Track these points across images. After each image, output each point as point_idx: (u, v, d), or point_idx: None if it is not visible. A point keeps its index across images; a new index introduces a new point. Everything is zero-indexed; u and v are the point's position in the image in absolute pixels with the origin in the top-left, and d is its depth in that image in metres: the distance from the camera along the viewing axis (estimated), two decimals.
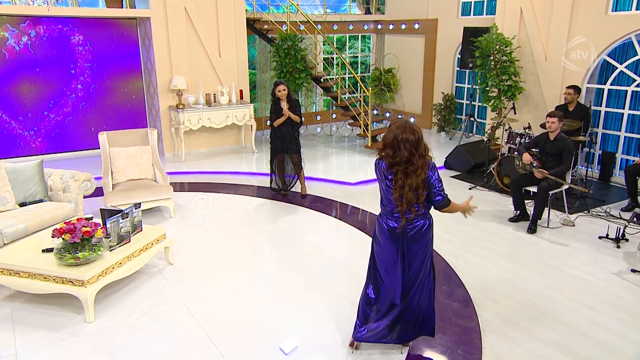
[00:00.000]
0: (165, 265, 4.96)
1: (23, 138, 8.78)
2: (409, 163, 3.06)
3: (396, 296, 3.36)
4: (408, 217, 3.16)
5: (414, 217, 3.17)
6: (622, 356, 3.59)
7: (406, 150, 3.04)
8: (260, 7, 10.21)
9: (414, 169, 3.06)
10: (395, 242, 3.26)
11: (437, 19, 10.78)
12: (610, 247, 5.38)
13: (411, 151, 3.04)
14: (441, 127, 10.94)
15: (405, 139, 3.04)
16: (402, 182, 3.08)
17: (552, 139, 5.88)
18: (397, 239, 3.25)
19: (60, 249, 4.00)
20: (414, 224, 3.22)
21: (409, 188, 3.06)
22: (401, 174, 3.08)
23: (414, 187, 3.07)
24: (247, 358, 3.56)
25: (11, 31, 8.30)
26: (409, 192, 3.07)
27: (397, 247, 3.26)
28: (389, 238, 3.27)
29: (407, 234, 3.23)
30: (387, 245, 3.30)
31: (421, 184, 3.09)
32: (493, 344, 3.71)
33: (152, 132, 6.54)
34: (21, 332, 3.86)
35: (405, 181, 3.07)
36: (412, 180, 3.06)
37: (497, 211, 6.43)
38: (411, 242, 3.25)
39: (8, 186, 5.23)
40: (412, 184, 3.06)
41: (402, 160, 3.06)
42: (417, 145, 3.06)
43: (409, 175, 3.07)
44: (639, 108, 7.40)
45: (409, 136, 3.04)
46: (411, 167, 3.07)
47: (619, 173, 7.57)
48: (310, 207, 6.62)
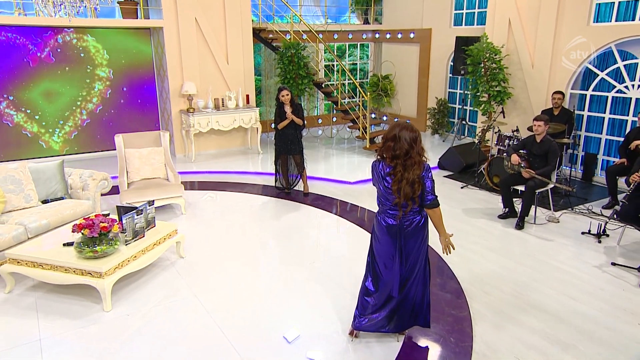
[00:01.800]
0: (176, 258, 4.98)
1: (45, 140, 8.80)
2: (408, 156, 3.12)
3: (394, 289, 3.38)
4: (405, 209, 3.20)
5: (410, 210, 3.21)
6: (602, 342, 3.60)
7: (406, 143, 3.11)
8: (265, 18, 10.22)
9: (411, 163, 3.12)
10: (393, 238, 3.28)
11: (431, 29, 10.78)
12: (592, 242, 5.38)
13: (410, 145, 3.11)
14: (435, 129, 10.94)
15: (406, 134, 3.13)
16: (400, 176, 3.13)
17: (539, 141, 5.88)
18: (395, 235, 3.27)
19: (80, 243, 4.02)
20: (411, 220, 3.24)
21: (406, 182, 3.12)
22: (400, 167, 3.14)
23: (410, 180, 3.12)
24: (252, 345, 3.57)
25: (35, 41, 8.32)
26: (407, 186, 3.12)
27: (395, 243, 3.29)
28: (387, 234, 3.30)
29: (404, 229, 3.25)
30: (386, 241, 3.33)
31: (417, 179, 3.14)
32: (483, 332, 3.72)
33: (164, 134, 6.56)
34: (44, 320, 3.89)
35: (403, 174, 3.13)
36: (410, 174, 3.12)
37: (487, 208, 6.43)
38: (408, 237, 3.27)
39: (32, 185, 5.25)
40: (409, 177, 3.12)
41: (401, 153, 3.11)
42: (415, 141, 3.14)
43: (407, 168, 3.13)
44: (619, 112, 7.40)
45: (409, 132, 3.13)
46: (409, 161, 3.12)
47: (601, 173, 7.57)
48: (312, 205, 6.62)
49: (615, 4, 7.19)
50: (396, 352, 3.48)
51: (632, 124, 7.16)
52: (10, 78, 8.27)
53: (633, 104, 7.17)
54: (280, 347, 3.55)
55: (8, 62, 8.20)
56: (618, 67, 7.23)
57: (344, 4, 12.20)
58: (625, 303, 4.15)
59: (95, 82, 8.99)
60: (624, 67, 7.18)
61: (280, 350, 3.50)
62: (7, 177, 5.10)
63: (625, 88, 7.21)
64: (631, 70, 7.12)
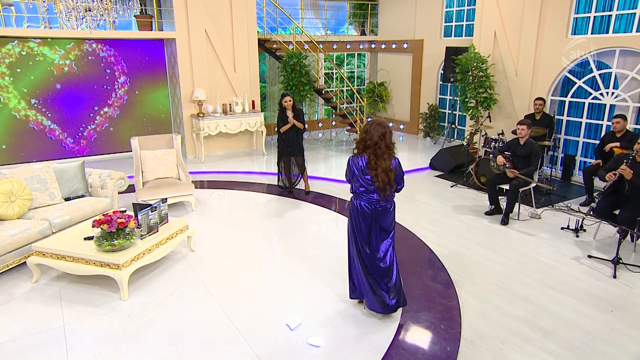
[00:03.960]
0: (188, 252, 4.99)
1: (68, 143, 8.81)
2: (377, 147, 3.35)
3: (372, 260, 3.58)
4: (385, 192, 3.42)
5: (390, 193, 3.46)
6: (579, 328, 3.61)
7: (375, 135, 3.36)
8: (270, 29, 10.22)
9: (381, 152, 3.36)
10: (368, 218, 3.52)
11: (423, 40, 10.78)
12: (571, 236, 5.40)
13: (380, 137, 3.35)
14: (427, 133, 10.94)
15: (375, 128, 3.39)
16: (374, 164, 3.36)
17: (522, 144, 5.89)
18: (369, 216, 3.51)
19: (99, 237, 4.04)
20: (383, 205, 3.49)
21: (381, 169, 3.35)
22: (373, 156, 3.37)
23: (384, 168, 3.36)
24: (258, 332, 3.58)
25: (59, 52, 8.33)
26: (382, 173, 3.36)
27: (369, 222, 3.53)
28: (362, 215, 3.53)
29: (376, 210, 3.50)
30: (362, 221, 3.54)
31: (388, 168, 3.37)
32: (471, 320, 3.73)
33: (176, 137, 6.56)
34: (68, 307, 3.91)
35: (377, 162, 3.36)
36: (382, 162, 3.36)
37: (475, 206, 6.44)
38: (378, 216, 3.51)
39: (55, 183, 5.27)
40: (382, 165, 3.36)
41: (371, 143, 3.36)
42: (385, 135, 3.37)
43: (379, 157, 3.36)
44: (595, 117, 7.41)
45: (379, 127, 3.39)
46: (379, 150, 3.36)
47: (579, 173, 7.58)
48: (313, 203, 6.63)
49: (591, 18, 7.20)
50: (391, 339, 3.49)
51: (607, 128, 7.16)
52: (36, 85, 8.28)
53: (607, 110, 7.18)
54: (283, 333, 3.56)
55: (35, 71, 8.21)
56: (594, 76, 7.24)
57: (342, 16, 12.20)
58: (601, 292, 4.17)
59: (114, 89, 9.00)
60: (599, 76, 7.18)
61: (283, 337, 3.52)
62: (34, 176, 5.12)
63: (600, 95, 7.22)
64: (606, 78, 7.13)
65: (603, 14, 7.07)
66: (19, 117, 8.28)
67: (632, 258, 4.83)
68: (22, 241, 4.42)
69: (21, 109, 8.27)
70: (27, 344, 3.44)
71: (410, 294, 4.05)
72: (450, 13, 10.21)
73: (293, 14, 10.64)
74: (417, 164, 8.65)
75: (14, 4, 7.82)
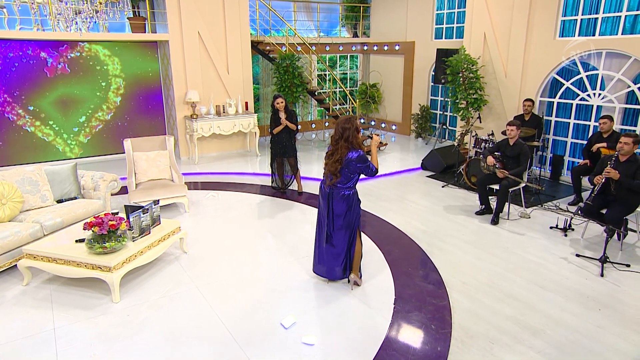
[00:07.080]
0: (180, 253, 4.95)
1: (61, 145, 8.71)
2: (341, 140, 3.76)
3: (323, 238, 4.04)
4: (331, 180, 3.85)
5: (336, 181, 3.82)
6: (568, 327, 3.62)
7: (339, 131, 3.77)
8: (263, 31, 10.18)
9: (337, 148, 3.77)
10: (325, 200, 3.96)
11: (414, 42, 10.79)
12: (559, 235, 5.41)
13: (341, 133, 3.76)
14: (418, 133, 10.95)
15: (341, 125, 3.77)
16: (330, 153, 3.83)
17: (512, 144, 5.91)
18: (327, 198, 3.94)
19: (91, 240, 3.98)
20: (339, 191, 3.86)
21: (333, 160, 3.78)
22: (334, 148, 3.81)
23: (335, 159, 3.76)
24: (251, 333, 3.55)
25: (52, 53, 8.23)
26: (330, 163, 3.80)
27: (326, 202, 3.95)
28: (321, 194, 4.03)
29: (329, 194, 3.92)
30: (321, 199, 4.03)
31: (340, 159, 3.74)
32: (461, 319, 3.72)
33: (169, 139, 6.51)
34: (59, 310, 3.85)
35: (333, 154, 3.80)
36: (337, 155, 3.76)
37: (465, 205, 6.45)
38: (332, 200, 3.91)
39: (47, 185, 5.20)
40: (335, 157, 3.77)
41: (335, 137, 3.80)
42: (347, 130, 3.72)
43: (337, 150, 3.77)
44: (582, 118, 7.45)
45: (344, 124, 3.76)
46: (339, 144, 3.77)
47: (567, 173, 7.61)
48: (306, 203, 6.60)
49: (578, 21, 7.23)
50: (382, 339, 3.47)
51: (594, 129, 7.21)
52: (30, 88, 8.18)
53: (594, 111, 7.22)
54: (277, 333, 3.54)
55: (28, 73, 8.11)
56: (581, 77, 7.28)
57: (334, 18, 12.19)
58: (588, 291, 4.18)
59: (107, 91, 8.92)
60: (587, 77, 7.22)
61: (278, 336, 3.49)
62: (25, 178, 5.05)
63: (587, 96, 7.26)
64: (592, 80, 7.17)
65: (590, 17, 7.10)
66: (10, 119, 8.17)
67: (619, 257, 4.85)
68: (13, 244, 4.36)
69: (13, 111, 8.16)
70: (17, 347, 3.38)
71: (401, 294, 4.04)
72: (441, 15, 10.23)
73: (286, 16, 10.60)
74: (408, 164, 8.65)
75: (6, 6, 7.72)
